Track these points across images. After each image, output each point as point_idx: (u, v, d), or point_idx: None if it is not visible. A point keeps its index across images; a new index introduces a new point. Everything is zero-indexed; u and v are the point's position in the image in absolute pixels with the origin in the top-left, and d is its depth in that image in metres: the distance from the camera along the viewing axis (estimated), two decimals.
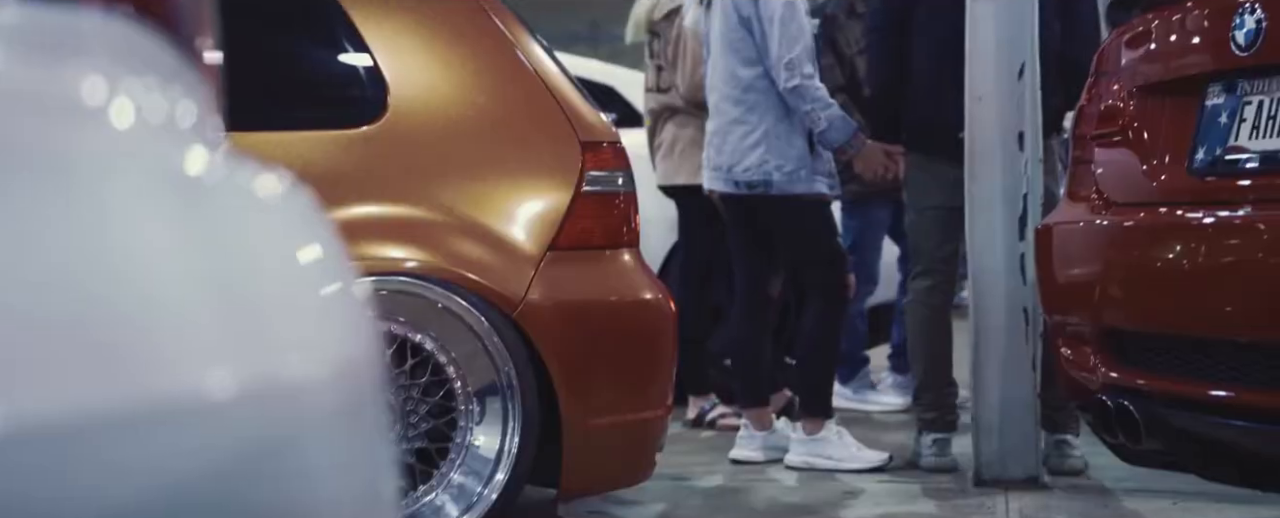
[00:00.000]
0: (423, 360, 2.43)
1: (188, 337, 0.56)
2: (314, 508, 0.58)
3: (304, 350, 0.59)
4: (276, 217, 0.65)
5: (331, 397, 0.59)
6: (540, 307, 2.52)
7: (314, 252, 0.66)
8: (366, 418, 0.64)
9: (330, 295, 0.64)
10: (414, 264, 2.42)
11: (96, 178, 0.57)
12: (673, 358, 2.75)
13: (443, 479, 2.43)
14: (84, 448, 0.51)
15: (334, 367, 0.60)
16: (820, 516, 3.03)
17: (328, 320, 0.62)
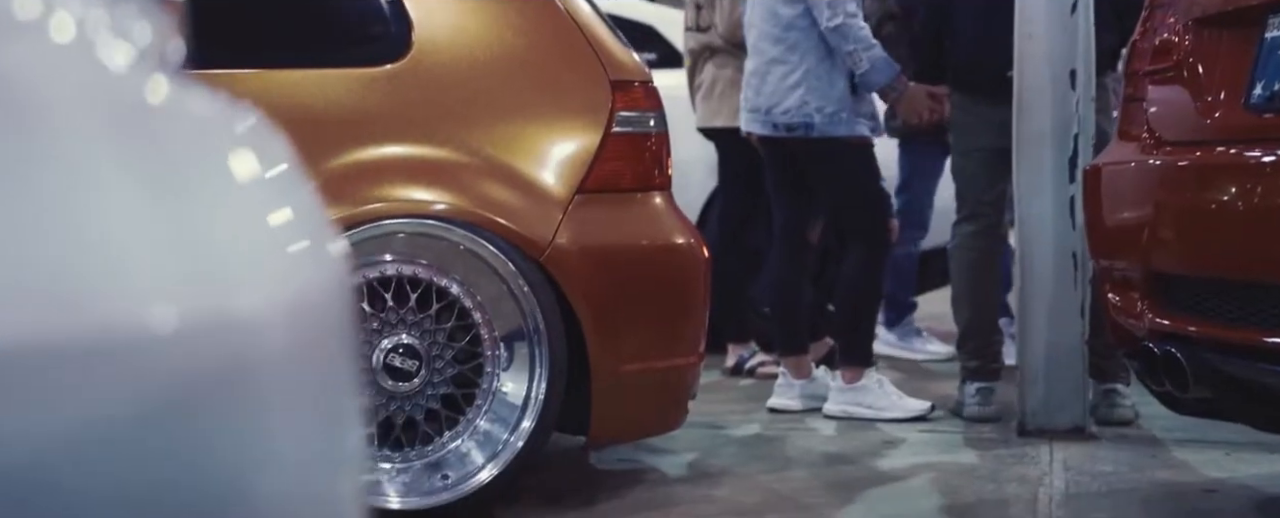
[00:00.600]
0: (448, 305, 2.42)
1: (128, 269, 0.54)
2: (262, 444, 0.56)
3: (252, 285, 0.57)
4: (230, 149, 0.63)
5: (281, 333, 0.57)
6: (568, 251, 2.50)
7: (270, 186, 0.63)
8: (324, 356, 0.62)
9: (285, 230, 0.62)
10: (438, 207, 2.40)
11: (29, 98, 0.55)
12: (705, 304, 2.73)
13: (469, 426, 2.42)
14: (16, 378, 0.50)
15: (285, 303, 0.58)
16: (857, 465, 3.01)
17: (280, 255, 0.60)
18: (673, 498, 2.67)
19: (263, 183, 0.63)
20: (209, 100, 0.66)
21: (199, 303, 0.54)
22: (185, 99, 0.64)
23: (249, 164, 0.64)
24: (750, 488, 2.75)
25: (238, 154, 0.64)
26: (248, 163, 0.64)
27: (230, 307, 0.55)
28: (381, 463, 2.36)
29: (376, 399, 2.36)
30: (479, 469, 2.40)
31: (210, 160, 0.61)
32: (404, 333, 2.38)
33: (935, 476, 2.90)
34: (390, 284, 2.38)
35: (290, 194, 0.65)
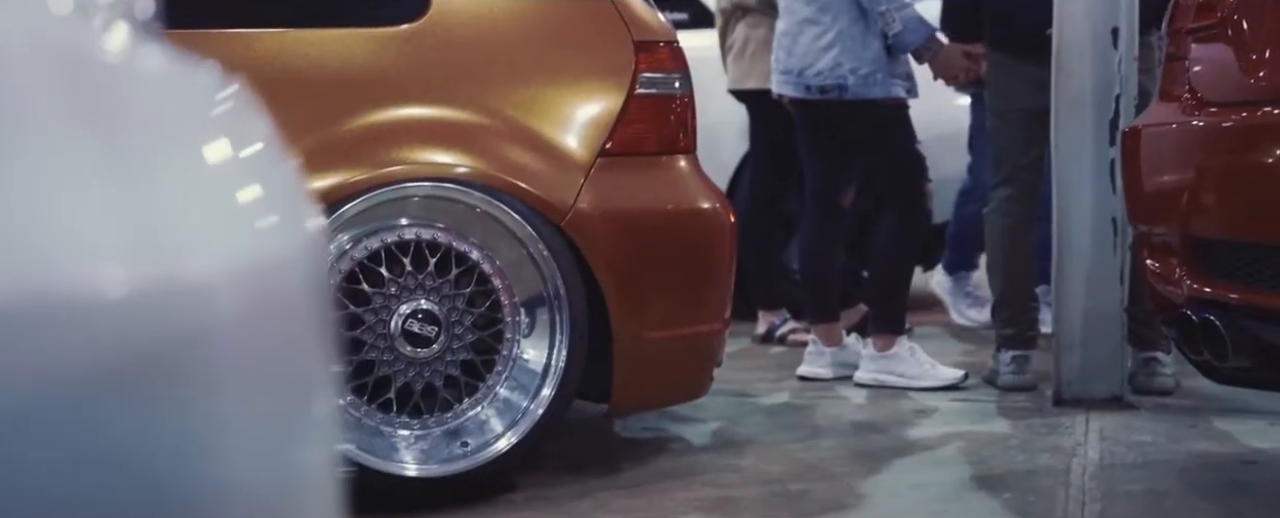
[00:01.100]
0: (467, 270, 2.41)
1: (74, 232, 0.52)
2: (216, 413, 0.54)
3: (206, 251, 0.55)
4: (191, 109, 0.61)
5: (237, 301, 0.56)
6: (590, 215, 2.48)
7: (233, 150, 0.62)
8: (286, 326, 0.61)
9: (246, 196, 0.60)
10: (457, 170, 2.39)
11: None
12: (730, 270, 2.71)
13: (488, 393, 2.42)
14: None
15: (242, 270, 0.57)
16: (887, 435, 2.98)
17: (238, 221, 0.59)
18: (697, 467, 2.66)
19: (225, 147, 0.62)
20: (174, 60, 0.65)
21: (149, 268, 0.53)
22: (147, 57, 0.62)
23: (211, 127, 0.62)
24: (776, 457, 2.74)
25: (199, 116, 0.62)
26: (209, 125, 0.62)
27: (182, 272, 0.54)
28: (400, 430, 2.36)
29: (395, 366, 2.36)
30: (498, 437, 2.40)
31: (168, 121, 0.60)
32: (423, 298, 2.37)
33: (965, 445, 2.87)
34: (408, 249, 2.37)
35: (256, 160, 0.64)
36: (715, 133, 4.50)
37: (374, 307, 2.35)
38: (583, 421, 2.96)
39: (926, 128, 3.91)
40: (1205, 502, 2.40)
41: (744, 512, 2.36)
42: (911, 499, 2.43)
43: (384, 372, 2.35)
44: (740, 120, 4.37)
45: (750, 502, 2.42)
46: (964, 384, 3.48)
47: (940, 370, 3.52)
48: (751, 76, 4.15)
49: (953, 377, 3.51)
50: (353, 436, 2.32)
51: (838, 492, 2.48)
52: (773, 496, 2.46)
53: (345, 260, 2.33)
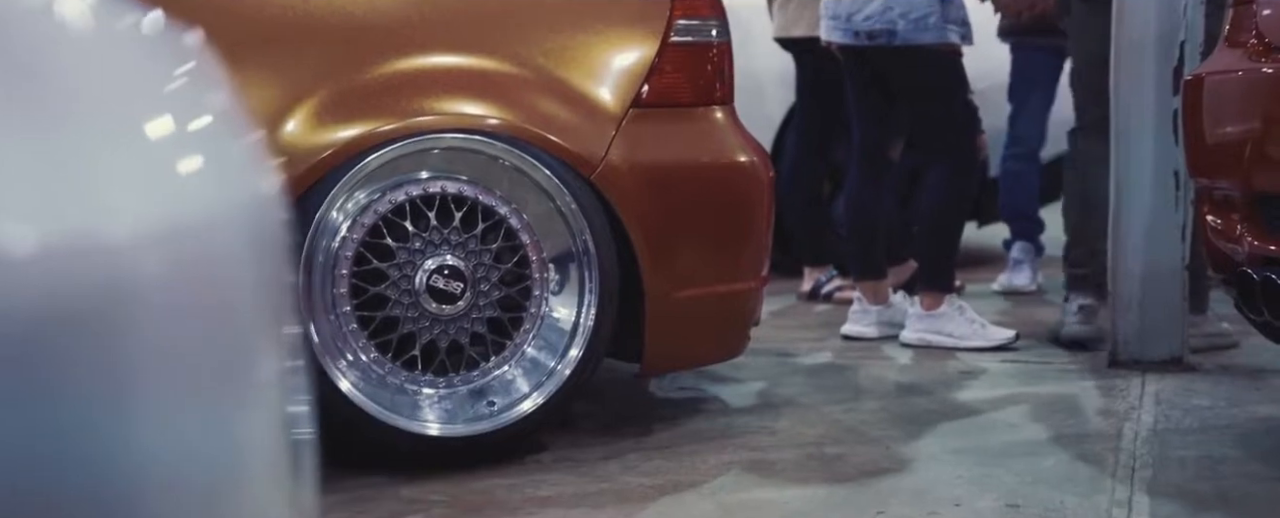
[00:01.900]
0: (495, 225, 2.39)
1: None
2: (135, 374, 0.52)
3: (125, 209, 0.53)
4: (123, 67, 0.59)
5: (158, 259, 0.53)
6: (621, 168, 2.45)
7: (164, 105, 0.59)
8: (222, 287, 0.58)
9: (176, 152, 0.58)
10: (483, 121, 2.36)
11: None
12: (768, 226, 2.66)
13: (515, 351, 2.40)
14: None
15: (165, 228, 0.54)
16: (931, 397, 2.94)
17: (165, 178, 0.56)
18: (731, 429, 2.64)
19: (157, 105, 0.59)
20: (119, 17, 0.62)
21: (60, 225, 0.51)
22: (78, 14, 0.60)
23: (143, 85, 0.60)
24: (814, 419, 2.71)
25: (131, 74, 0.59)
26: (142, 83, 0.60)
27: (97, 231, 0.52)
28: (424, 389, 2.35)
29: (419, 323, 2.34)
30: (524, 397, 2.38)
31: (94, 79, 0.57)
32: (448, 253, 2.35)
33: (1012, 408, 2.83)
34: (433, 202, 2.35)
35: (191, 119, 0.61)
36: (760, 83, 4.45)
37: (398, 262, 2.33)
38: (617, 380, 2.94)
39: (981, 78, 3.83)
40: (1265, 467, 2.34)
41: (777, 476, 2.33)
42: (951, 464, 2.39)
43: (408, 329, 2.34)
44: (786, 70, 4.31)
45: (784, 465, 2.39)
46: (1015, 345, 3.43)
47: (990, 330, 3.47)
48: (798, 24, 4.08)
49: (1003, 337, 3.45)
50: (376, 393, 2.31)
51: (875, 456, 2.45)
52: (808, 459, 2.43)
53: (369, 214, 2.32)
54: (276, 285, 0.69)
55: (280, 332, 0.69)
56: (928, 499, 2.19)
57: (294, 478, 0.75)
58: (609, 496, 2.21)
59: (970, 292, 4.21)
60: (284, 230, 0.76)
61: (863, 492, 2.23)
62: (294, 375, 0.75)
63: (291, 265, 2.23)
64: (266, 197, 0.69)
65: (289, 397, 0.72)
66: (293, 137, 2.26)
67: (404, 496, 2.21)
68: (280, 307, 0.70)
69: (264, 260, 0.66)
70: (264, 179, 0.71)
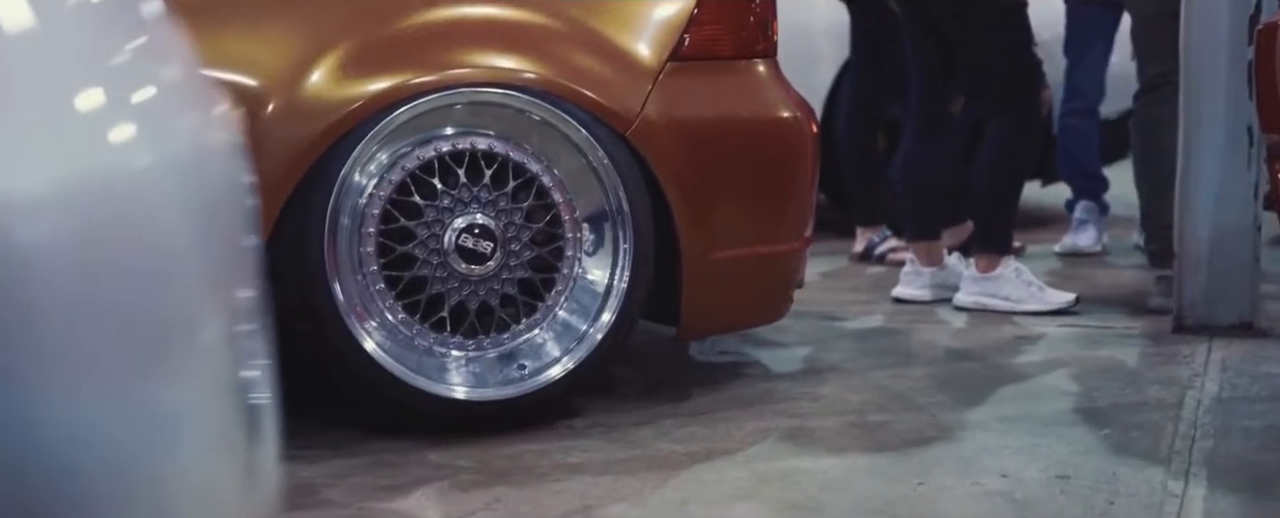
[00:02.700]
0: (526, 183, 2.36)
1: None
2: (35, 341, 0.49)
3: (26, 166, 0.50)
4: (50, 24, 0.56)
5: (65, 219, 0.50)
6: (657, 124, 2.40)
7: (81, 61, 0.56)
8: (143, 245, 0.55)
9: (93, 108, 0.55)
10: (514, 75, 2.32)
11: None
12: (811, 184, 2.61)
13: (547, 313, 2.38)
14: None
15: (75, 186, 0.51)
16: (982, 363, 2.88)
17: (76, 135, 0.53)
18: (771, 395, 2.60)
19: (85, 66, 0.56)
20: None
21: None
22: None
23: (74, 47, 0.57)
24: (859, 386, 2.66)
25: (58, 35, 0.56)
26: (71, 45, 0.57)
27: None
28: (453, 351, 2.33)
29: (448, 283, 2.32)
30: (554, 362, 2.36)
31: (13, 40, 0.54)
32: (478, 212, 2.33)
33: (1068, 375, 2.76)
34: (462, 159, 2.32)
35: (124, 79, 0.58)
36: (812, 36, 4.37)
37: (426, 220, 2.31)
38: (656, 343, 2.91)
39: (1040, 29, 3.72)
40: None
41: (815, 444, 2.29)
42: (998, 433, 2.34)
43: (437, 289, 2.32)
44: (840, 23, 4.23)
45: (824, 433, 2.35)
46: (1074, 308, 3.35)
47: (1048, 293, 3.39)
48: None
49: (1062, 300, 3.37)
50: (402, 355, 2.29)
51: (920, 424, 2.40)
52: (849, 427, 2.39)
53: (396, 171, 2.29)
54: (225, 247, 0.66)
55: (229, 294, 0.67)
56: (972, 469, 2.14)
57: (249, 444, 0.72)
58: (640, 462, 2.18)
59: (1031, 253, 4.13)
60: (242, 192, 0.74)
61: (904, 461, 2.19)
62: (248, 339, 0.72)
63: (314, 224, 2.23)
64: (214, 160, 0.66)
65: (241, 361, 0.69)
66: (318, 89, 2.24)
67: (430, 460, 2.20)
68: (230, 269, 0.67)
69: (206, 222, 0.63)
70: (213, 143, 0.68)
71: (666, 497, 2.02)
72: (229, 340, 0.66)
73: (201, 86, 0.72)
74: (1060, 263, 4.10)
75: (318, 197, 2.24)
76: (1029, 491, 2.04)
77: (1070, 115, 4.37)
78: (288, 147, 2.21)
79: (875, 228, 4.18)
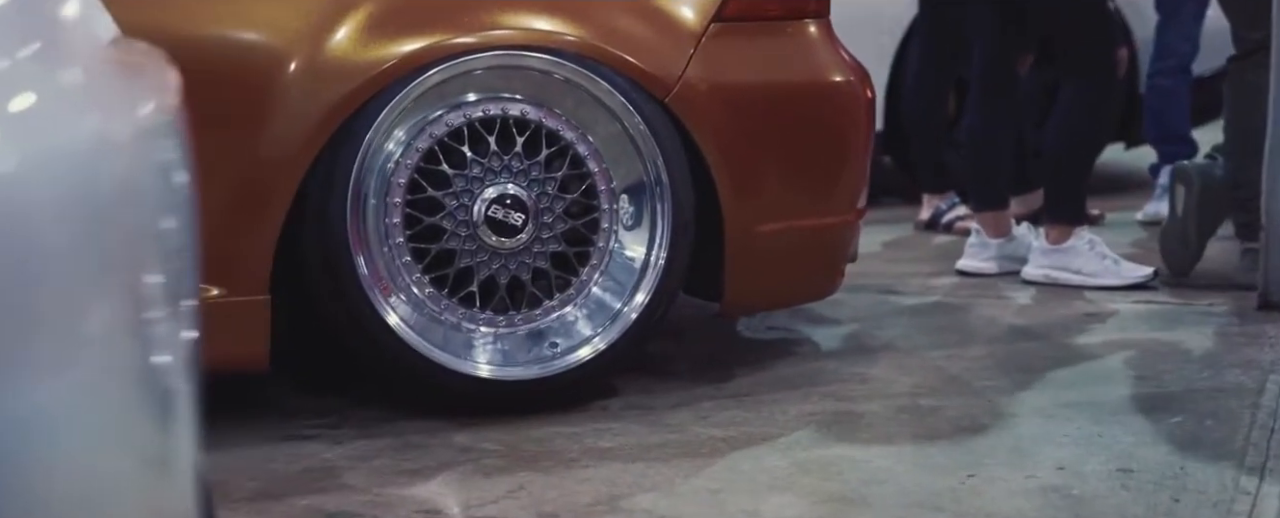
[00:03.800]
0: (559, 151, 2.30)
1: None
2: None
3: None
4: None
5: None
6: (699, 89, 2.34)
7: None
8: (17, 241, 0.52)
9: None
10: (553, 37, 2.27)
11: None
12: (865, 153, 2.54)
13: (581, 289, 2.33)
14: None
15: None
16: (1047, 342, 2.79)
17: None
18: (819, 376, 2.53)
19: None
20: None
21: None
22: None
23: None
24: (912, 367, 2.59)
25: None
26: None
27: None
28: (482, 327, 2.29)
29: (478, 257, 2.28)
30: (585, 342, 2.31)
31: None
32: (509, 182, 2.28)
33: (1140, 357, 2.67)
34: (492, 125, 2.27)
35: None
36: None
37: (455, 190, 2.27)
38: (700, 319, 2.86)
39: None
40: None
41: (862, 430, 2.23)
42: (1060, 420, 2.26)
43: (465, 263, 2.28)
44: None
45: (871, 418, 2.28)
46: (1151, 283, 3.24)
47: (1124, 267, 3.29)
48: None
49: (1138, 274, 3.27)
50: (428, 331, 2.26)
51: (974, 409, 2.32)
52: (898, 412, 2.32)
53: (424, 138, 2.25)
54: (124, 237, 0.63)
55: (131, 282, 0.63)
56: (1027, 461, 2.07)
57: (162, 434, 0.71)
58: (674, 448, 2.13)
59: (1110, 222, 4.01)
60: (160, 177, 0.71)
61: (954, 451, 2.12)
62: (161, 324, 0.71)
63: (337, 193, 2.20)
64: (114, 153, 0.62)
65: (149, 348, 0.68)
66: (344, 48, 2.19)
67: (457, 443, 2.17)
68: (133, 256, 0.66)
69: (97, 216, 0.60)
70: (116, 135, 0.64)
71: (698, 487, 1.98)
72: (132, 329, 0.65)
73: (114, 81, 0.68)
74: (1141, 232, 3.98)
75: (341, 164, 2.21)
76: (1087, 485, 1.97)
77: (1159, 75, 4.23)
78: (310, 110, 2.17)
79: (942, 195, 4.08)
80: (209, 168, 2.17)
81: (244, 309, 2.16)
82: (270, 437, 2.20)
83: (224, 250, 2.14)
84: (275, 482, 2.00)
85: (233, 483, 1.99)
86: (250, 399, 2.38)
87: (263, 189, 2.17)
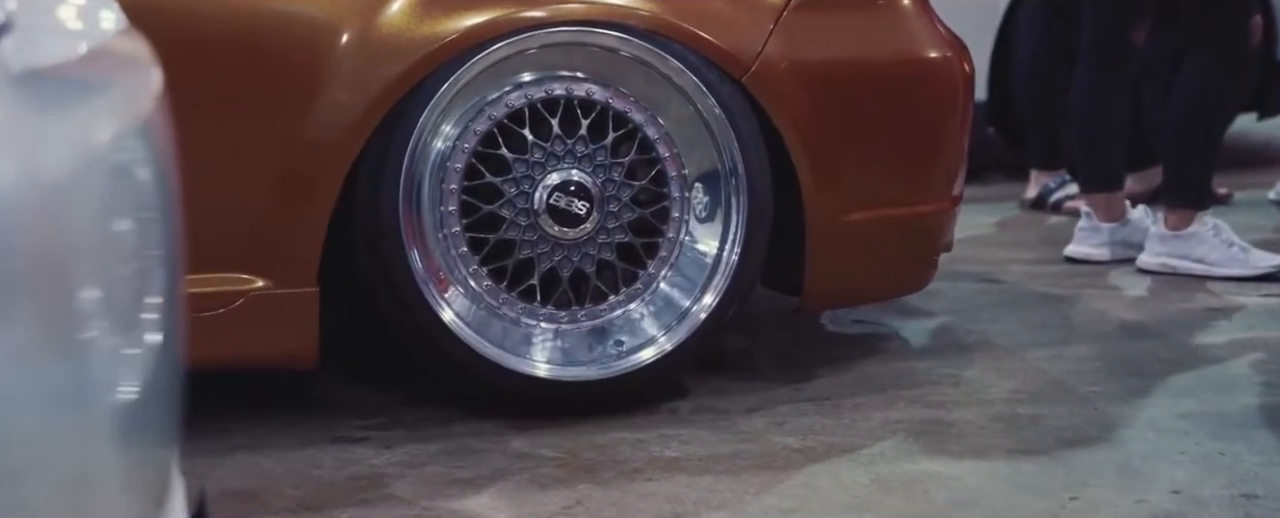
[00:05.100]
0: (627, 134, 2.21)
1: None
2: None
3: None
4: None
5: None
6: (779, 67, 2.23)
7: None
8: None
9: None
10: (616, 11, 2.17)
11: None
12: (962, 135, 2.41)
13: (648, 283, 2.24)
14: None
15: None
16: (1163, 341, 2.65)
17: None
18: (907, 377, 2.42)
19: None
20: None
21: None
22: None
23: None
24: (1011, 368, 2.47)
25: None
26: None
27: None
28: (542, 323, 2.22)
29: (538, 248, 2.20)
30: (650, 341, 2.22)
31: None
32: (573, 168, 2.20)
33: (1270, 360, 2.52)
34: (555, 107, 2.19)
35: None
36: None
37: (514, 176, 2.19)
38: (781, 311, 2.75)
39: None
40: None
41: (952, 442, 2.12)
42: (1176, 434, 2.12)
43: (526, 254, 2.21)
44: None
45: (963, 428, 2.17)
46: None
47: (1252, 255, 3.12)
48: None
49: (1268, 264, 3.10)
50: (484, 326, 2.19)
51: (1079, 420, 2.20)
52: (993, 421, 2.20)
53: (482, 120, 2.17)
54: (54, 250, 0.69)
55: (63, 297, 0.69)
56: (1137, 482, 1.94)
57: (117, 447, 0.75)
58: (746, 459, 2.04)
59: (1239, 202, 3.83)
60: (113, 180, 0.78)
61: (1055, 468, 2.00)
62: (107, 335, 0.75)
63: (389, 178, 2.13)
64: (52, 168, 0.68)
65: (89, 360, 0.73)
66: (402, 20, 2.11)
67: (513, 448, 2.10)
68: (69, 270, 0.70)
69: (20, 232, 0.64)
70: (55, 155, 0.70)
71: (770, 505, 1.88)
72: (65, 345, 0.69)
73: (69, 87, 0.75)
74: (1276, 215, 3.78)
75: (394, 148, 2.13)
76: (1206, 512, 1.84)
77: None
78: (361, 89, 2.10)
79: (1052, 171, 3.92)
80: (251, 151, 2.14)
81: (290, 302, 2.10)
82: (316, 438, 2.14)
83: (268, 239, 2.09)
84: (319, 491, 1.95)
85: (273, 491, 1.94)
86: (297, 396, 2.33)
87: (310, 174, 2.11)
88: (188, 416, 0.99)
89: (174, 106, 1.01)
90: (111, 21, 1.01)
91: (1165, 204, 3.22)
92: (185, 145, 2.20)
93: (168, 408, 0.93)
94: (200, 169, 2.04)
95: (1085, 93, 3.31)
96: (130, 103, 0.88)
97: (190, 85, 2.02)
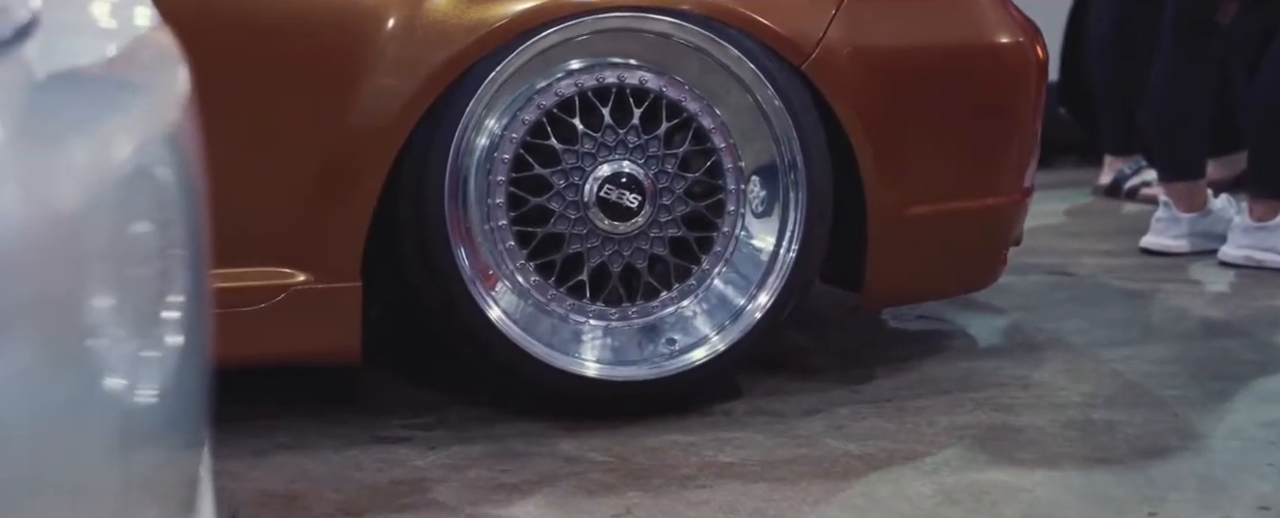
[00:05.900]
0: (682, 124, 2.17)
1: None
2: None
3: None
4: None
5: None
6: (840, 54, 2.17)
7: None
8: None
9: None
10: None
11: None
12: (1034, 124, 2.35)
13: (702, 280, 2.20)
14: None
15: None
16: (1247, 340, 2.57)
17: None
18: (973, 378, 2.36)
19: None
20: None
21: None
22: None
23: None
24: (1084, 370, 2.40)
25: None
26: None
27: None
28: (591, 320, 2.18)
29: (588, 242, 2.17)
30: (702, 340, 2.18)
31: None
32: (624, 159, 2.15)
33: None
34: (606, 95, 2.14)
35: None
36: None
37: (564, 168, 2.15)
38: (841, 306, 2.70)
39: None
40: None
41: (1021, 449, 2.06)
42: (1262, 444, 2.06)
43: (575, 248, 2.17)
44: None
45: (1033, 434, 2.11)
46: None
47: None
48: None
49: None
50: (532, 324, 2.15)
51: (1157, 427, 2.13)
52: (1065, 427, 2.14)
53: (531, 109, 2.13)
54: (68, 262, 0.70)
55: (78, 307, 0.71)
56: (1221, 496, 1.88)
57: (128, 452, 0.77)
58: (803, 466, 2.00)
59: None
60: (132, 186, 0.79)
61: (1132, 479, 1.94)
62: (123, 343, 0.76)
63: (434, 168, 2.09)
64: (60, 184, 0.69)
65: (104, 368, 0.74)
66: (445, 7, 2.08)
67: (561, 451, 2.06)
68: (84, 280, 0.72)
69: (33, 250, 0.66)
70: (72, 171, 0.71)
71: (828, 516, 1.84)
72: (89, 349, 0.71)
73: None
74: None
75: (440, 137, 2.10)
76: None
77: None
78: (408, 74, 2.06)
79: (1128, 157, 3.83)
80: (293, 139, 2.11)
81: (333, 297, 2.08)
82: (359, 438, 2.12)
83: (311, 232, 2.06)
84: (360, 495, 1.93)
85: (313, 494, 1.92)
86: (341, 392, 2.31)
87: (353, 163, 2.08)
88: (228, 413, 0.98)
89: (215, 94, 1.00)
90: (145, 18, 0.98)
91: (1250, 193, 3.13)
92: (226, 135, 2.16)
93: (194, 412, 0.92)
94: (241, 159, 2.02)
95: (1166, 76, 3.22)
96: (158, 106, 0.87)
97: (231, 72, 2.01)
